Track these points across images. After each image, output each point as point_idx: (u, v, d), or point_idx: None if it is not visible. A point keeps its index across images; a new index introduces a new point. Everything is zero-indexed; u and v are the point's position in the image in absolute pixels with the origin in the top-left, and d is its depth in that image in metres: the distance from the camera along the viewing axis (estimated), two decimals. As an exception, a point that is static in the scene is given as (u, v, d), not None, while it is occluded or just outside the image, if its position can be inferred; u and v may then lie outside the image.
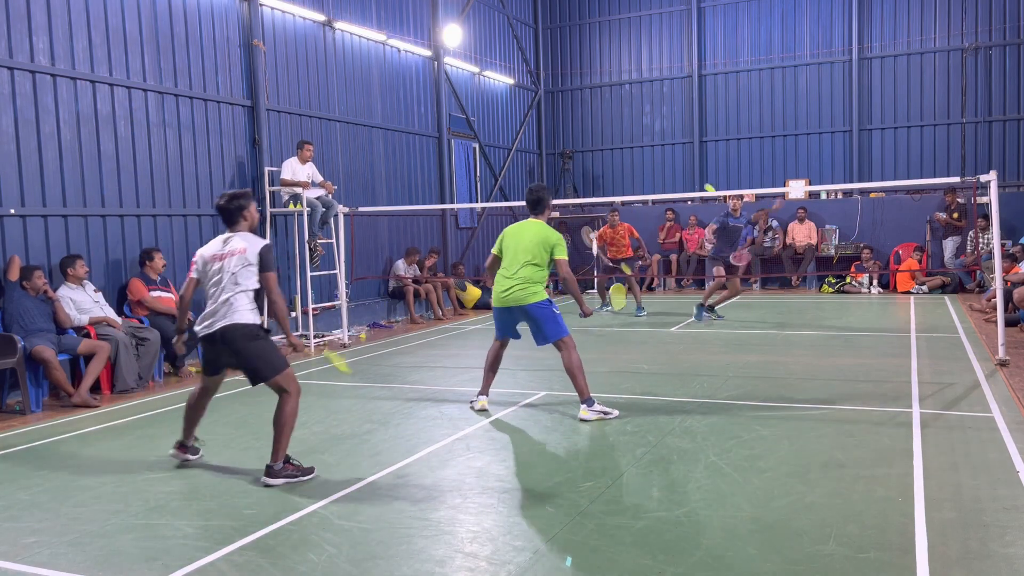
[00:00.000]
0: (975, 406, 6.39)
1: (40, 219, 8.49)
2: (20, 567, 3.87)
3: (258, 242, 5.18)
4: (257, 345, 5.10)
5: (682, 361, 8.95)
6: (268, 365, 5.09)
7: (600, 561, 3.71)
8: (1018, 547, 3.71)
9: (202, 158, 10.52)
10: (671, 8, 19.32)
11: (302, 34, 12.34)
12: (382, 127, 14.17)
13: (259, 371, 5.10)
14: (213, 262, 5.17)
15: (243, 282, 5.10)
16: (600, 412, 6.38)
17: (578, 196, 19.41)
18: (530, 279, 6.45)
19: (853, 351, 9.23)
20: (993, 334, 9.25)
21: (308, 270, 11.10)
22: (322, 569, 3.72)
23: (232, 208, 5.23)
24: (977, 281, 14.80)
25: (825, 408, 6.47)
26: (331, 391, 7.96)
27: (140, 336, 8.47)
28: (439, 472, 5.17)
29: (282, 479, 4.98)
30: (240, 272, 5.09)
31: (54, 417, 7.19)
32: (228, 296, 5.07)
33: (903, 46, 17.47)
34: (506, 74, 18.71)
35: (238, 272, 5.09)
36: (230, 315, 5.07)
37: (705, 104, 19.20)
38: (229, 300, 5.07)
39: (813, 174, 18.25)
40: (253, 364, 5.10)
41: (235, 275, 5.09)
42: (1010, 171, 16.72)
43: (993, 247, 9.15)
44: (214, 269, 5.16)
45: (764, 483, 4.69)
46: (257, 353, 5.10)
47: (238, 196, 5.27)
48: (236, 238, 5.20)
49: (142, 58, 9.67)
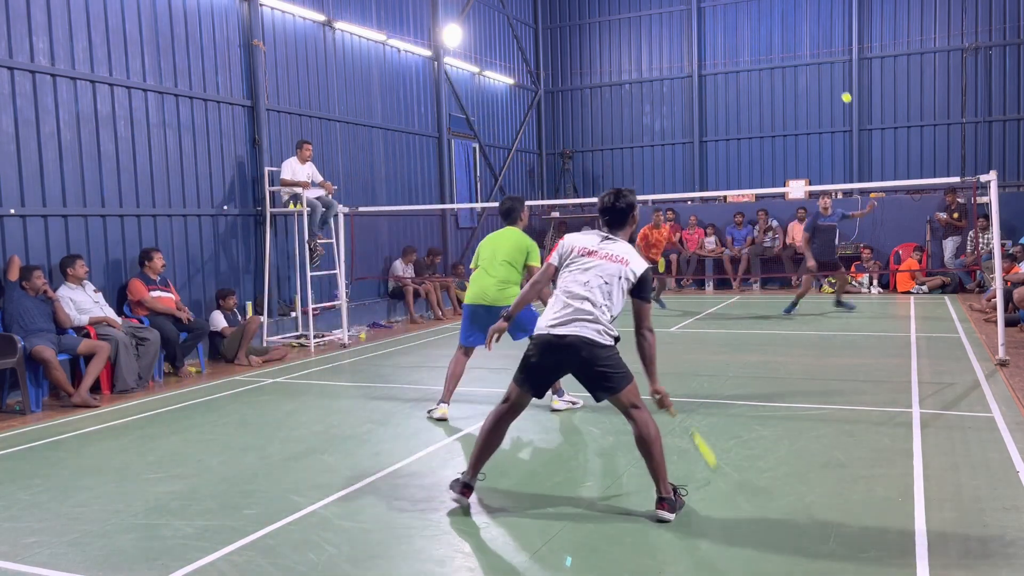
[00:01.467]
0: (975, 406, 6.38)
1: (40, 219, 8.49)
2: (20, 567, 3.87)
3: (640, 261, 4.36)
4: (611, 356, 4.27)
5: (682, 361, 8.94)
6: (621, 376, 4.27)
7: (600, 561, 3.71)
8: (1018, 547, 3.71)
9: (202, 158, 10.52)
10: (671, 8, 19.32)
11: (302, 34, 12.34)
12: (382, 127, 14.17)
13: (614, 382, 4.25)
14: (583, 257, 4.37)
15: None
16: (568, 402, 6.76)
17: (578, 196, 19.41)
18: (507, 279, 6.48)
19: (853, 351, 9.23)
20: (993, 334, 9.25)
21: (308, 270, 11.10)
22: (322, 569, 3.72)
23: (621, 208, 4.43)
24: (977, 281, 14.79)
25: (825, 408, 6.46)
26: (331, 391, 7.96)
27: (140, 336, 8.47)
28: (439, 472, 5.17)
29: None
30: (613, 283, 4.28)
31: (54, 417, 7.18)
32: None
33: (903, 46, 17.47)
34: (506, 74, 18.71)
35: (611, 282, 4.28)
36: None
37: (705, 104, 19.20)
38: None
39: (813, 174, 18.24)
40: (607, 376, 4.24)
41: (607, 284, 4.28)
42: (1010, 171, 16.72)
43: (993, 247, 9.15)
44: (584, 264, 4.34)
45: (764, 483, 4.69)
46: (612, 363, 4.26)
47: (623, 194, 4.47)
48: (619, 243, 4.40)
49: (142, 58, 9.67)
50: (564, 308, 4.25)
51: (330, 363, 9.67)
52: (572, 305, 4.23)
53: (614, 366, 4.21)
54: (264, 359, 9.80)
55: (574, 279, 4.31)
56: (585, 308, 4.20)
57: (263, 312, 11.00)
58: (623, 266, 4.27)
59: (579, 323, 4.18)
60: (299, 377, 8.81)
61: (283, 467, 5.37)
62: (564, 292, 4.32)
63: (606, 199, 4.46)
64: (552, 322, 4.24)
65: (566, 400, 6.77)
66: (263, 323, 10.82)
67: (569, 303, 4.25)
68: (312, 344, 10.82)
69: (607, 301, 4.24)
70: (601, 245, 4.37)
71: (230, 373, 9.17)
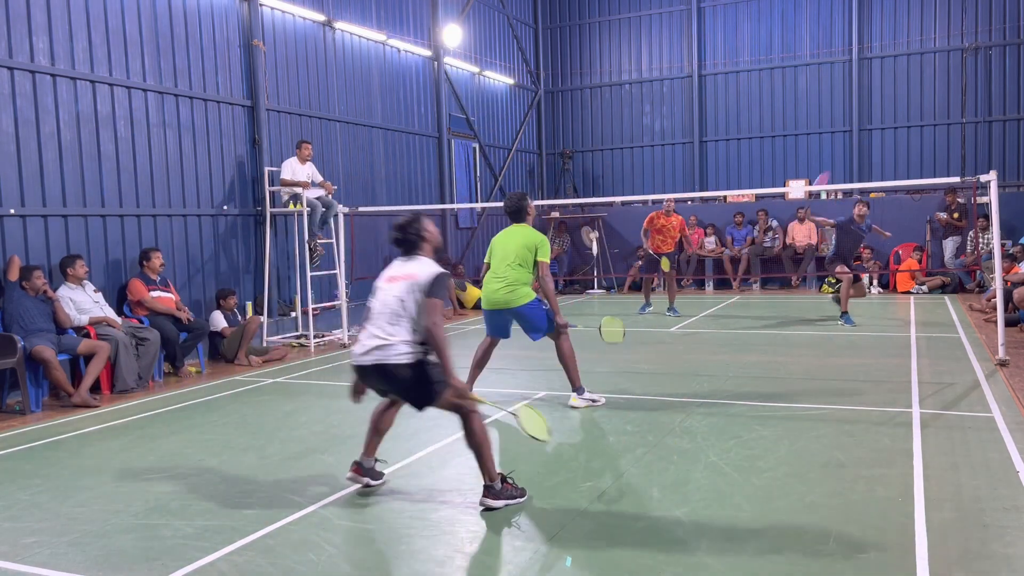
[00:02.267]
0: (975, 406, 6.38)
1: (40, 219, 8.49)
2: (20, 567, 3.87)
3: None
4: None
5: (682, 361, 8.94)
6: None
7: (600, 561, 3.71)
8: (1018, 547, 3.71)
9: (202, 158, 10.52)
10: (671, 8, 19.32)
11: (302, 34, 12.34)
12: (382, 127, 14.17)
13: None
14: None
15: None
16: (589, 400, 6.77)
17: (578, 196, 19.41)
18: (517, 281, 6.57)
19: (853, 351, 9.23)
20: (993, 334, 9.25)
21: (308, 270, 11.09)
22: (322, 569, 3.72)
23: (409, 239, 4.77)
24: (977, 281, 14.79)
25: (825, 408, 6.46)
26: (331, 391, 7.96)
27: (140, 336, 8.47)
28: (439, 472, 5.17)
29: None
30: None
31: (54, 417, 7.18)
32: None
33: (903, 46, 17.47)
34: (506, 74, 18.71)
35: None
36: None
37: (705, 104, 19.20)
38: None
39: (813, 174, 18.22)
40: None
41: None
42: (1010, 171, 16.72)
43: (993, 247, 9.14)
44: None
45: (764, 483, 4.69)
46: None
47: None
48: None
49: (142, 58, 9.67)
50: (366, 336, 4.47)
51: (330, 363, 9.67)
52: (368, 330, 4.46)
53: (420, 381, 4.37)
54: (264, 359, 9.80)
55: (375, 304, 4.55)
56: (379, 334, 4.40)
57: (263, 312, 11.00)
58: (414, 279, 4.45)
59: (377, 350, 4.38)
60: (299, 377, 8.81)
61: (283, 467, 5.36)
62: (364, 320, 4.60)
63: (394, 232, 4.71)
64: (356, 351, 4.47)
65: (585, 398, 6.82)
66: (263, 323, 10.82)
67: (368, 329, 4.48)
68: (312, 344, 10.82)
69: (404, 318, 4.39)
70: (397, 269, 4.63)
71: (230, 373, 9.17)
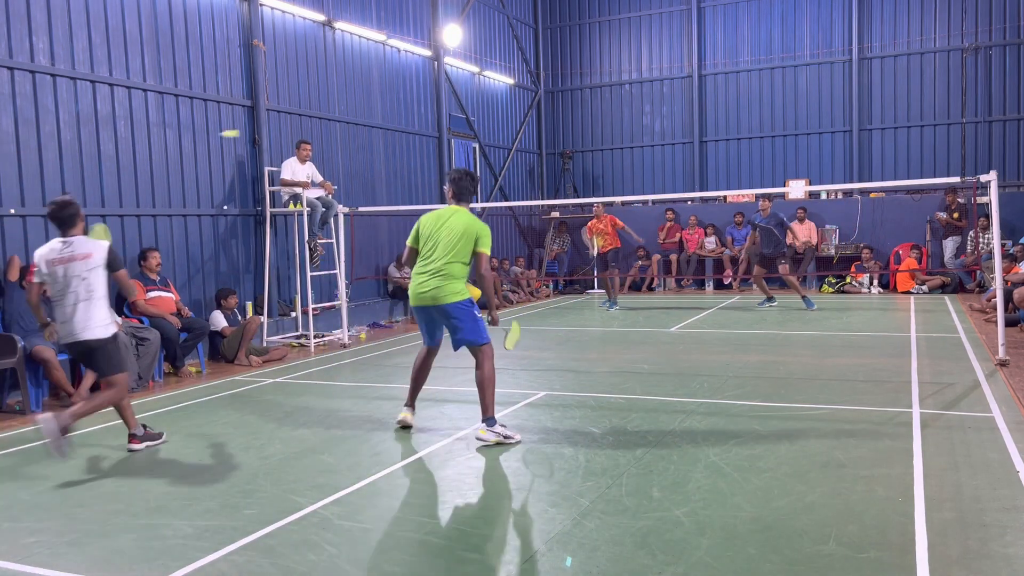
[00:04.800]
0: (975, 406, 6.38)
1: (40, 219, 8.48)
2: (20, 567, 3.87)
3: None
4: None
5: (682, 361, 8.95)
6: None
7: (600, 561, 3.71)
8: (1018, 547, 3.71)
9: (202, 158, 10.52)
10: (671, 8, 19.32)
11: (302, 34, 12.34)
12: (382, 127, 14.17)
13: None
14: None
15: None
16: (500, 435, 5.66)
17: (578, 196, 19.41)
18: (451, 275, 5.71)
19: (853, 351, 9.23)
20: (993, 334, 9.25)
21: (308, 270, 11.10)
22: (322, 569, 3.72)
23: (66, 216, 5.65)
24: (977, 281, 14.80)
25: (825, 408, 6.46)
26: (331, 391, 7.96)
27: (140, 336, 8.46)
28: (439, 472, 5.18)
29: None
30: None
31: (54, 417, 7.18)
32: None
33: (903, 46, 17.47)
34: (506, 74, 18.71)
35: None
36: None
37: (705, 104, 19.20)
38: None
39: (813, 174, 18.25)
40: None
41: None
42: (1010, 171, 16.71)
43: (993, 247, 9.15)
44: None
45: (764, 483, 4.69)
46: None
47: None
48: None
49: (142, 58, 9.67)
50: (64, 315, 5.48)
51: (330, 363, 9.67)
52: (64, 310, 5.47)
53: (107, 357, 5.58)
54: (264, 359, 9.80)
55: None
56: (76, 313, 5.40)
57: (263, 312, 11.00)
58: (89, 259, 5.37)
59: (80, 327, 5.46)
60: (299, 377, 8.81)
61: (283, 467, 5.36)
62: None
63: (51, 207, 5.48)
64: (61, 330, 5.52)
65: (496, 432, 5.73)
66: (263, 323, 10.82)
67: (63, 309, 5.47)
68: (312, 344, 10.82)
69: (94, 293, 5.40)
70: (62, 252, 5.39)
71: (230, 373, 9.17)
